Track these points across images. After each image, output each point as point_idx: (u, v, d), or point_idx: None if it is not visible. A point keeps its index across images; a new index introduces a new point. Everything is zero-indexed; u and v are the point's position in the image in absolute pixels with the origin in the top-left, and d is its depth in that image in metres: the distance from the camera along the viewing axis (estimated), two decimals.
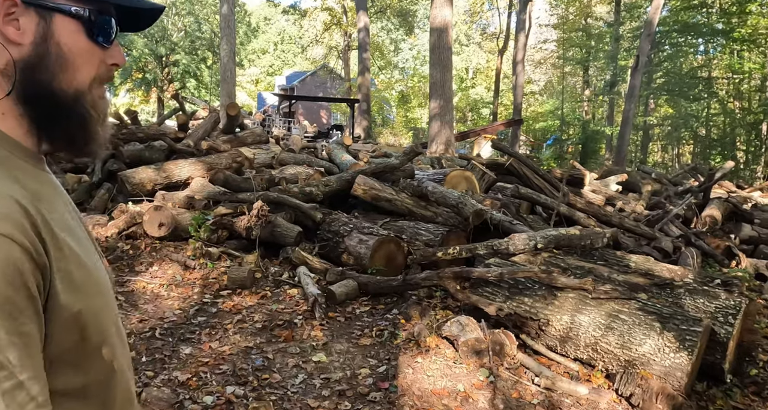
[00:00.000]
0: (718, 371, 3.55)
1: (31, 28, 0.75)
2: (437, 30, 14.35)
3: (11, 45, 0.74)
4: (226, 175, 6.12)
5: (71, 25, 0.77)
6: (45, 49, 0.75)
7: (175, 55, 37.29)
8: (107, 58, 0.83)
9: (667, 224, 7.37)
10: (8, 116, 0.76)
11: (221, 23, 19.40)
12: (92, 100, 0.81)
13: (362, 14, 25.62)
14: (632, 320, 3.47)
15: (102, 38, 0.80)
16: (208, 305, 4.45)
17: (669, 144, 32.87)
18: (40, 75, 0.76)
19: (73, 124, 0.80)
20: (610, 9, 31.46)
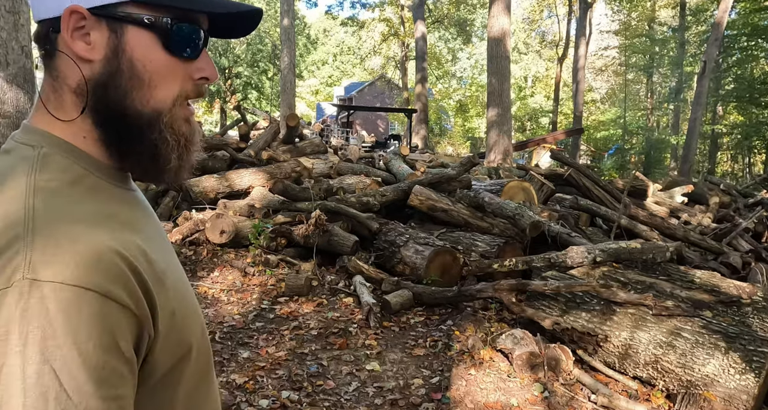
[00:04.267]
0: None
1: (102, 43, 0.68)
2: (495, 39, 14.26)
3: (82, 62, 0.68)
4: (286, 184, 6.27)
5: (145, 38, 0.69)
6: (116, 65, 0.68)
7: (237, 67, 38.48)
8: (194, 72, 0.73)
9: (735, 238, 7.07)
10: (89, 138, 0.71)
11: (282, 36, 19.88)
12: (171, 122, 0.72)
13: (420, 24, 25.74)
14: (695, 338, 3.35)
15: (185, 50, 0.71)
16: (266, 311, 4.57)
17: (739, 153, 31.39)
18: (111, 94, 0.69)
19: (146, 149, 0.72)
20: (675, 13, 30.43)
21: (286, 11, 16.51)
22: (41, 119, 0.71)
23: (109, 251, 0.61)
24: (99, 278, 0.59)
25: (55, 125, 0.70)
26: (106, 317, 0.59)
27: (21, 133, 0.72)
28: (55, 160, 0.67)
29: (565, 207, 6.52)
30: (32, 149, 0.68)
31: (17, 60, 6.47)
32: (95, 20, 0.67)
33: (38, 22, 0.70)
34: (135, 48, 0.68)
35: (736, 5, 24.27)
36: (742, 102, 25.56)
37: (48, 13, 0.69)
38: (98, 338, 0.58)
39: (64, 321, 0.56)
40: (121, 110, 0.69)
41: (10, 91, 6.40)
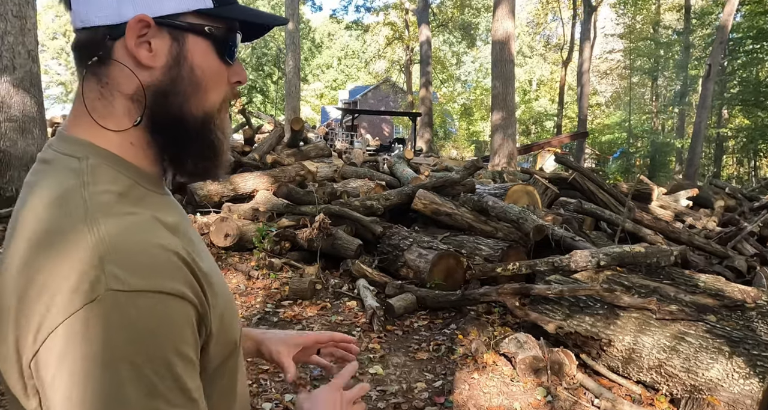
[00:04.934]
0: None
1: (164, 51, 0.70)
2: (499, 42, 14.29)
3: (141, 69, 0.70)
4: (290, 188, 6.29)
5: (203, 46, 0.72)
6: (178, 72, 0.71)
7: None
8: (231, 76, 0.77)
9: (740, 241, 7.04)
10: (137, 146, 0.72)
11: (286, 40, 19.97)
12: (220, 123, 0.77)
13: (424, 28, 25.80)
14: (699, 343, 3.34)
15: (231, 57, 0.76)
16: (269, 314, 4.58)
17: (744, 157, 31.29)
18: (171, 100, 0.71)
19: (204, 149, 0.76)
20: (680, 16, 30.39)
21: (291, 15, 16.59)
22: (83, 128, 0.71)
23: (173, 255, 0.64)
24: (171, 281, 0.62)
25: (99, 134, 0.71)
26: (184, 316, 0.63)
27: (61, 143, 0.72)
28: (103, 171, 0.68)
29: (569, 211, 6.51)
30: (77, 160, 0.68)
31: (24, 64, 6.53)
32: (157, 29, 0.69)
33: (86, 28, 0.70)
34: (195, 55, 0.71)
35: (741, 8, 24.23)
36: (748, 105, 25.48)
37: (105, 20, 0.69)
38: (180, 336, 0.62)
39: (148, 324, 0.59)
40: (180, 115, 0.72)
41: (17, 96, 6.46)
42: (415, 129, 25.24)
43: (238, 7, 0.75)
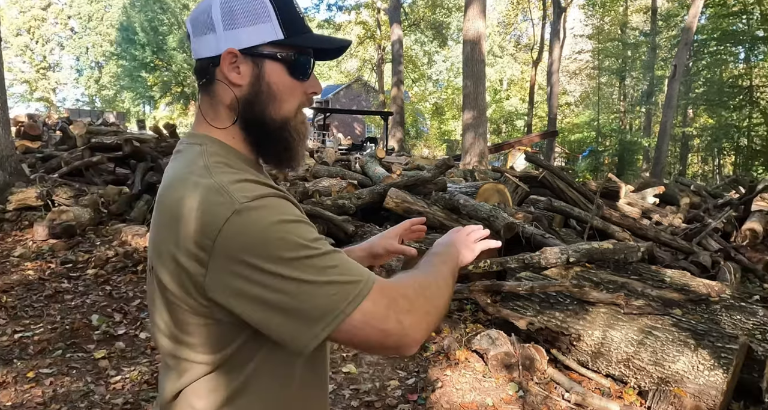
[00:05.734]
0: (756, 390, 3.46)
1: (248, 73, 0.95)
2: (470, 42, 14.38)
3: (234, 86, 0.95)
4: None
5: (278, 68, 0.95)
6: (258, 87, 0.95)
7: None
8: (307, 88, 1.00)
9: (705, 237, 7.21)
10: (237, 139, 0.98)
11: None
12: (295, 126, 1.00)
13: (396, 27, 25.83)
14: (665, 336, 3.42)
15: (302, 75, 0.98)
16: None
17: (709, 155, 32.06)
18: (255, 108, 0.96)
19: (281, 146, 0.99)
20: (646, 18, 31.01)
21: None
22: (202, 127, 0.99)
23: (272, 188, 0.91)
24: (271, 189, 0.88)
25: (212, 130, 0.98)
26: (293, 204, 0.91)
27: (188, 138, 1.00)
28: (216, 151, 0.94)
29: (540, 209, 6.59)
30: (199, 146, 0.95)
31: None
32: (243, 57, 0.94)
33: (198, 59, 0.97)
34: (270, 75, 0.95)
35: (706, 11, 24.84)
36: (712, 105, 26.14)
37: (209, 53, 0.95)
38: (301, 217, 0.88)
39: (282, 206, 0.86)
40: (261, 118, 0.96)
41: None
42: (387, 128, 25.26)
43: (308, 35, 0.98)
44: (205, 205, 0.82)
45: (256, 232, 0.80)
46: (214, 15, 0.93)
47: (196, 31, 0.96)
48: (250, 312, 0.82)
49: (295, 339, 0.81)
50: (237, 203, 0.81)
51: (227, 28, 0.93)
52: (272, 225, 0.81)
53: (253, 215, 0.81)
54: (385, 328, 0.83)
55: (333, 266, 0.82)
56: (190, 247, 0.82)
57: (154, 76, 39.61)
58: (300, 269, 0.80)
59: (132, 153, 7.75)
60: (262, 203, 0.83)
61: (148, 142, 8.22)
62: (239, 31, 0.93)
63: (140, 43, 39.38)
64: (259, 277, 0.79)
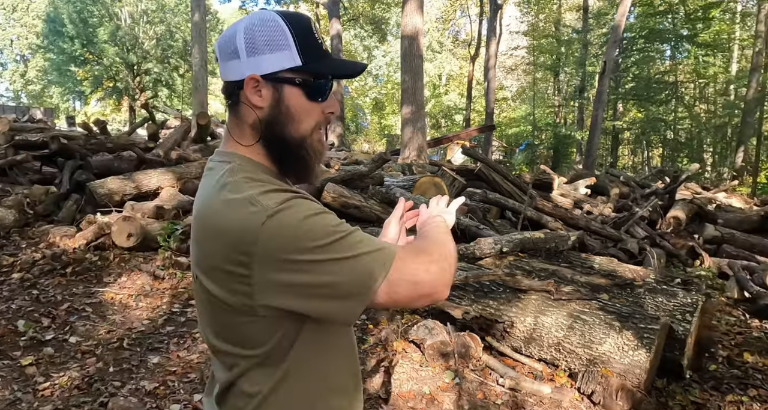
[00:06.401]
0: (677, 367, 3.65)
1: (269, 96, 1.04)
2: (408, 37, 14.47)
3: (257, 108, 1.04)
4: (195, 184, 6.11)
5: (296, 91, 1.04)
6: (278, 110, 1.04)
7: (146, 63, 36.91)
8: (324, 108, 1.08)
9: (633, 225, 7.54)
10: (261, 155, 1.08)
11: (193, 31, 19.21)
12: (312, 144, 1.08)
13: (335, 22, 25.69)
14: (593, 320, 3.56)
15: (319, 97, 1.07)
16: (177, 314, 4.45)
17: (638, 148, 33.47)
18: (276, 128, 1.05)
19: (299, 162, 1.09)
20: (579, 16, 32.02)
21: (197, 6, 16.01)
22: (230, 145, 1.09)
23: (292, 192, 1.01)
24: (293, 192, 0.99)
25: (239, 148, 1.07)
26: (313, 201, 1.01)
27: (218, 156, 1.10)
28: (244, 167, 1.04)
29: (476, 201, 6.72)
30: (229, 164, 1.04)
31: None
32: (264, 82, 1.03)
33: (226, 82, 1.07)
34: (289, 98, 1.04)
35: (634, 10, 25.87)
36: (640, 100, 27.26)
37: (234, 77, 1.05)
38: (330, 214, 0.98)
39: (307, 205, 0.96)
40: (281, 137, 1.05)
41: None
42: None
43: (325, 61, 1.06)
44: (241, 216, 0.92)
45: (289, 230, 0.90)
46: (239, 43, 1.03)
47: (222, 57, 1.06)
48: (298, 302, 0.93)
49: (343, 313, 0.95)
50: (268, 210, 0.91)
51: (250, 55, 1.02)
52: (301, 221, 0.92)
53: (284, 217, 0.91)
54: (418, 279, 0.98)
55: (359, 241, 0.95)
56: (234, 255, 0.91)
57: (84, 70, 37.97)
58: (334, 251, 0.91)
59: (60, 151, 7.42)
60: (289, 205, 0.93)
61: (77, 139, 7.89)
62: (261, 58, 1.02)
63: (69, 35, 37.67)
64: (300, 268, 0.90)
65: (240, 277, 0.92)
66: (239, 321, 0.97)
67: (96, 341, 3.96)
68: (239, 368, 1.03)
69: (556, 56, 31.84)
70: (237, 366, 1.03)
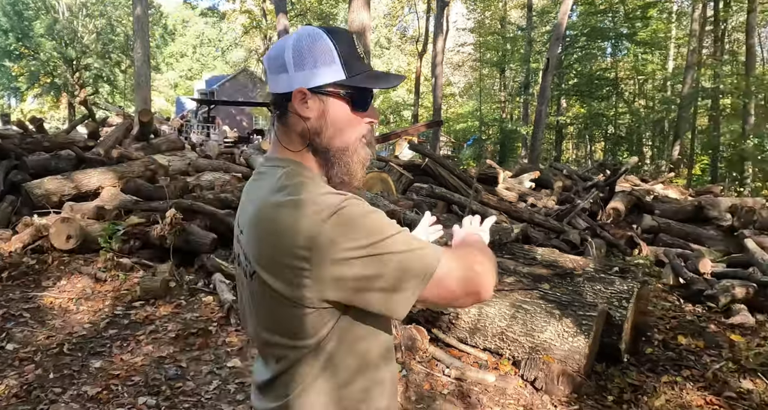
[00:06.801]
0: (615, 352, 3.81)
1: (315, 108, 1.10)
2: (355, 33, 14.45)
3: (304, 119, 1.11)
4: (138, 183, 5.97)
5: (340, 103, 1.11)
6: (324, 120, 1.11)
7: (86, 58, 35.63)
8: (365, 118, 1.15)
9: (574, 217, 7.78)
10: (309, 160, 1.14)
11: (135, 25, 18.67)
12: (355, 151, 1.15)
13: (282, 17, 25.35)
14: (534, 309, 3.67)
15: (361, 108, 1.14)
16: (119, 317, 4.35)
17: (581, 142, 34.48)
18: (322, 136, 1.12)
19: (343, 168, 1.15)
20: (523, 14, 32.67)
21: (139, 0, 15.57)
22: (280, 151, 1.16)
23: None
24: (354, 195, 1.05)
25: (288, 154, 1.15)
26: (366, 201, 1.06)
27: (267, 162, 1.17)
28: (298, 171, 1.11)
29: (422, 196, 6.81)
30: (282, 168, 1.11)
31: None
32: (311, 94, 1.09)
33: (274, 94, 1.14)
34: (334, 110, 1.11)
35: (576, 8, 26.60)
36: (583, 96, 28.06)
37: (282, 90, 1.12)
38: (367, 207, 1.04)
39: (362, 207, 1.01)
40: (327, 145, 1.12)
41: None
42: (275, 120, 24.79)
43: (367, 75, 1.13)
44: (304, 214, 0.98)
45: (347, 228, 0.97)
46: (287, 58, 1.10)
47: (271, 70, 1.14)
48: (354, 295, 1.00)
49: (396, 305, 1.01)
50: (329, 209, 0.98)
51: (297, 69, 1.09)
52: (357, 219, 0.98)
53: (342, 216, 0.97)
54: (464, 276, 1.06)
55: (411, 238, 1.03)
56: (297, 250, 0.97)
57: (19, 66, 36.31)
58: (387, 247, 0.98)
59: None
60: (346, 204, 0.99)
61: (12, 138, 7.58)
62: (308, 72, 1.09)
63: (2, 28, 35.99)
64: (357, 262, 0.97)
65: (301, 270, 0.98)
66: (295, 313, 1.03)
67: (35, 347, 3.83)
68: (287, 360, 1.08)
69: (502, 53, 32.40)
70: (285, 358, 1.09)
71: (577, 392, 3.40)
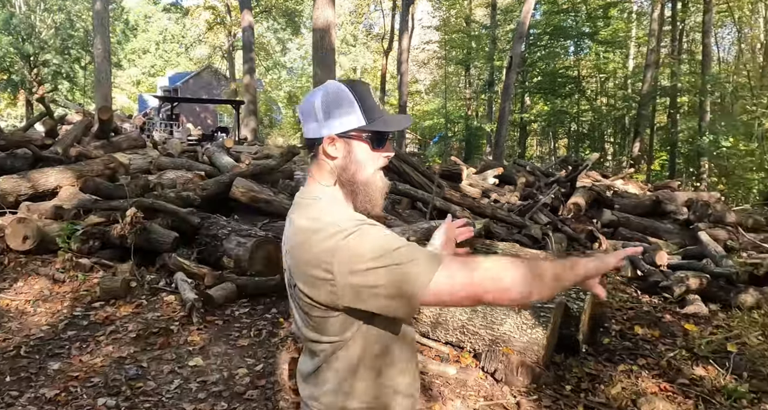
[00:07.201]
0: (574, 342, 3.91)
1: (342, 149, 1.32)
2: (320, 30, 14.40)
3: (332, 159, 1.33)
4: (97, 182, 5.86)
5: (362, 144, 1.32)
6: (349, 159, 1.32)
7: (44, 54, 34.59)
8: (382, 153, 1.36)
9: (536, 212, 7.92)
10: (339, 192, 1.35)
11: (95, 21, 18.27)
12: (375, 182, 1.36)
13: (246, 13, 25.11)
14: None
15: (380, 147, 1.34)
16: (79, 318, 4.28)
17: (545, 139, 34.99)
18: (348, 172, 1.33)
19: (366, 197, 1.35)
20: (488, 12, 32.95)
21: None
22: (314, 185, 1.37)
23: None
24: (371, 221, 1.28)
25: (320, 188, 1.36)
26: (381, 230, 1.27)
27: (304, 194, 1.38)
28: (328, 201, 1.32)
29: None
30: (314, 200, 1.33)
31: None
32: (338, 138, 1.32)
33: (307, 138, 1.36)
34: (357, 150, 1.32)
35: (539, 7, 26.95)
36: (546, 94, 28.45)
37: (314, 135, 1.34)
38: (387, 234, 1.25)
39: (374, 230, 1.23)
40: (352, 179, 1.33)
41: None
42: (239, 117, 24.58)
43: (383, 120, 1.34)
44: (328, 235, 1.20)
45: (360, 246, 1.18)
46: (317, 109, 1.32)
47: (305, 119, 1.36)
48: (367, 301, 1.20)
49: (401, 308, 1.20)
50: (347, 231, 1.19)
51: (326, 118, 1.31)
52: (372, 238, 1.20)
53: (357, 236, 1.19)
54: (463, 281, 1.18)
55: (412, 253, 1.19)
56: (323, 264, 1.19)
57: None
58: (391, 259, 1.17)
59: None
60: (363, 226, 1.22)
61: None
62: (334, 120, 1.31)
63: None
64: (367, 273, 1.17)
65: (327, 281, 1.20)
66: (327, 315, 1.26)
67: None
68: (324, 353, 1.33)
69: (467, 51, 32.62)
70: (323, 352, 1.33)
71: (536, 382, 3.49)
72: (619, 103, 27.72)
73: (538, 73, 28.42)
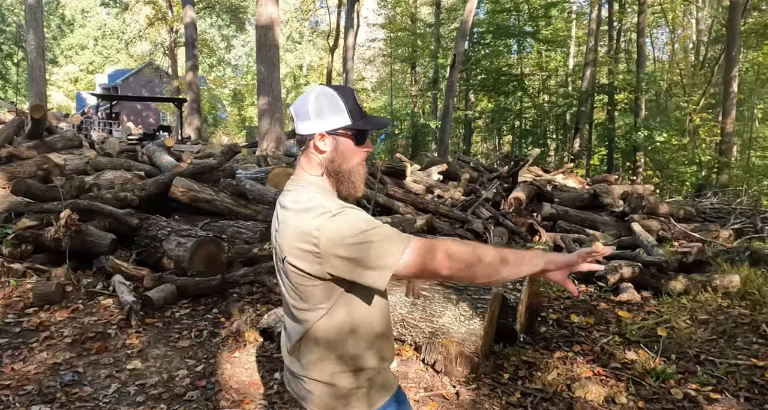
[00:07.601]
0: (512, 332, 4.03)
1: (329, 144, 1.52)
2: (263, 27, 14.25)
3: (321, 152, 1.52)
4: (29, 184, 5.66)
5: (347, 141, 1.52)
6: (336, 152, 1.52)
7: None
8: (364, 148, 1.57)
9: (478, 207, 8.10)
10: (325, 181, 1.55)
11: (27, 15, 17.54)
12: (357, 171, 1.56)
13: (189, 9, 24.55)
14: (432, 295, 3.83)
15: (362, 142, 1.55)
16: (11, 325, 4.13)
17: (489, 135, 35.59)
18: (334, 164, 1.53)
19: (350, 185, 1.56)
20: (432, 11, 33.27)
21: None
22: (303, 175, 1.55)
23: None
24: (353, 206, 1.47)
25: (310, 177, 1.54)
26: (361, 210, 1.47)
27: (294, 183, 1.56)
28: (316, 189, 1.51)
29: None
30: (303, 187, 1.52)
31: None
32: (327, 135, 1.51)
33: (299, 134, 1.54)
34: (343, 145, 1.52)
35: (483, 6, 27.38)
36: (490, 91, 28.95)
37: (306, 132, 1.52)
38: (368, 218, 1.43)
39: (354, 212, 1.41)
40: (338, 170, 1.53)
41: None
42: (182, 116, 24.04)
43: (366, 120, 1.55)
44: (316, 215, 1.39)
45: (343, 224, 1.36)
46: (309, 109, 1.52)
47: (298, 117, 1.54)
48: (347, 272, 1.38)
49: (378, 280, 1.37)
50: (332, 212, 1.38)
51: (316, 118, 1.51)
52: (353, 218, 1.38)
53: (341, 217, 1.37)
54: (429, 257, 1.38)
55: (387, 231, 1.38)
56: (311, 239, 1.37)
57: None
58: (371, 237, 1.36)
59: None
60: (346, 208, 1.40)
61: None
62: (324, 120, 1.50)
63: None
64: (348, 248, 1.35)
65: (313, 253, 1.38)
66: (312, 284, 1.44)
67: None
68: (309, 322, 1.50)
69: (413, 49, 32.86)
70: (307, 321, 1.51)
71: (475, 372, 3.58)
72: (560, 100, 28.48)
73: (482, 71, 28.86)
